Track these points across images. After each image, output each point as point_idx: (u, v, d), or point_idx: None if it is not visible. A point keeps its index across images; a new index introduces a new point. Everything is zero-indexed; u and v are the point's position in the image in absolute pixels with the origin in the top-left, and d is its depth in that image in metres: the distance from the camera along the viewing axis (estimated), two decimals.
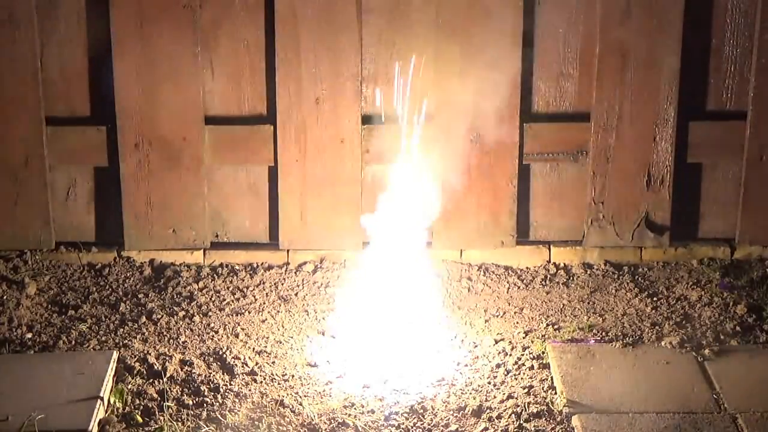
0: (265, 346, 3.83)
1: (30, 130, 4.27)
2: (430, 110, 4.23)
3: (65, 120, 4.31)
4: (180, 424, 3.36)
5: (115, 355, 3.69)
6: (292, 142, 4.29)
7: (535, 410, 3.44)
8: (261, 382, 3.60)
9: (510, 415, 3.42)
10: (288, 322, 4.01)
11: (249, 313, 4.07)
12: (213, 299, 4.16)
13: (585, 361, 3.67)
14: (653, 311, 4.05)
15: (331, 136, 4.28)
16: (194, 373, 3.63)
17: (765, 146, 4.30)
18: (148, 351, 3.75)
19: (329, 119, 4.26)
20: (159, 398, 3.50)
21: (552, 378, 3.61)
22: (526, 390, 3.55)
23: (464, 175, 4.31)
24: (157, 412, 3.42)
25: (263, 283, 4.29)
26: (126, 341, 3.84)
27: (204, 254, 4.41)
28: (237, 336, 3.90)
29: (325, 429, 3.37)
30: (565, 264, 4.41)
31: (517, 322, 4.00)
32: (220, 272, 4.34)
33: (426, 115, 4.23)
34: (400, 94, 4.10)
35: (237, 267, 4.38)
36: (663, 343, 3.78)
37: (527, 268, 4.40)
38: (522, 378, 3.63)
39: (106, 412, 3.43)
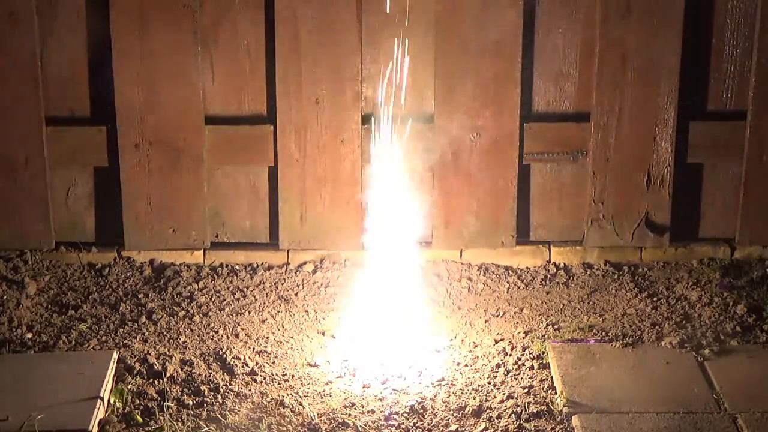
0: (265, 346, 3.83)
1: (30, 130, 4.27)
2: (430, 110, 4.24)
3: (65, 120, 4.31)
4: (180, 424, 3.36)
5: (115, 355, 3.69)
6: (292, 142, 4.29)
7: (535, 410, 3.44)
8: (261, 382, 3.60)
9: (510, 415, 3.42)
10: (288, 322, 4.01)
11: (249, 313, 4.07)
12: (213, 299, 4.16)
13: (585, 361, 3.67)
14: (653, 311, 4.05)
15: (331, 136, 4.28)
16: (194, 373, 3.63)
17: (765, 146, 4.30)
18: (148, 351, 3.76)
19: (329, 119, 4.26)
20: (159, 398, 3.50)
21: (552, 378, 3.61)
22: (526, 390, 3.55)
23: (464, 175, 4.31)
24: (157, 412, 3.42)
25: (263, 283, 4.29)
26: (126, 341, 3.84)
27: (204, 254, 4.41)
28: (237, 336, 3.90)
29: (325, 429, 3.37)
30: (565, 264, 4.41)
31: (517, 322, 4.00)
32: (220, 272, 4.34)
33: (426, 115, 4.25)
34: (400, 94, 4.10)
35: (237, 267, 4.38)
36: (663, 343, 3.78)
37: (527, 268, 4.40)
38: (522, 378, 3.63)
39: (106, 412, 3.43)
